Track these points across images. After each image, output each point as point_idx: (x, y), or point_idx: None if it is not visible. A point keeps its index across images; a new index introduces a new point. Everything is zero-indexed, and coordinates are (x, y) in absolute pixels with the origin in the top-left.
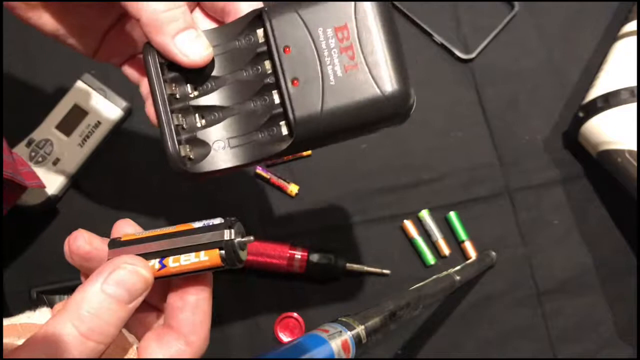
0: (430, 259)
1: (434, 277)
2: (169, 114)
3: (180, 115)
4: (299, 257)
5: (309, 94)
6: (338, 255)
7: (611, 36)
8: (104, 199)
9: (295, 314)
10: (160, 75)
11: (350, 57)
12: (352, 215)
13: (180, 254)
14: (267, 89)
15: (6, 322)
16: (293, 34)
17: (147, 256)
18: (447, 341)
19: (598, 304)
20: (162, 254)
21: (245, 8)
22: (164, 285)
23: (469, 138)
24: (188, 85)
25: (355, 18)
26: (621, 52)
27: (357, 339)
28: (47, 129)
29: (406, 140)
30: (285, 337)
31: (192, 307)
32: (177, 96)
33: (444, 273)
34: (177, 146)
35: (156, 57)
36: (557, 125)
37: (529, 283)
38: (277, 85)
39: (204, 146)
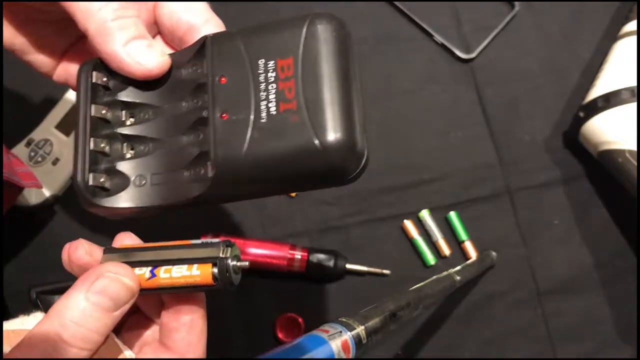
0: (431, 259)
1: (434, 277)
2: (87, 138)
3: (105, 141)
4: (299, 257)
5: (236, 131)
6: (338, 255)
7: (611, 36)
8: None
9: (295, 314)
10: (89, 95)
11: (289, 94)
12: (352, 215)
13: (173, 265)
14: (202, 123)
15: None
16: (232, 63)
17: (139, 264)
18: (448, 341)
19: (598, 304)
20: (154, 264)
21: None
22: (160, 297)
23: (470, 138)
24: (124, 111)
25: (303, 51)
26: (621, 52)
27: (357, 340)
28: (47, 129)
29: (406, 140)
30: (285, 337)
31: (187, 327)
32: (108, 119)
33: (444, 273)
34: (85, 174)
35: (89, 76)
36: (557, 125)
37: (530, 283)
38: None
39: (122, 179)
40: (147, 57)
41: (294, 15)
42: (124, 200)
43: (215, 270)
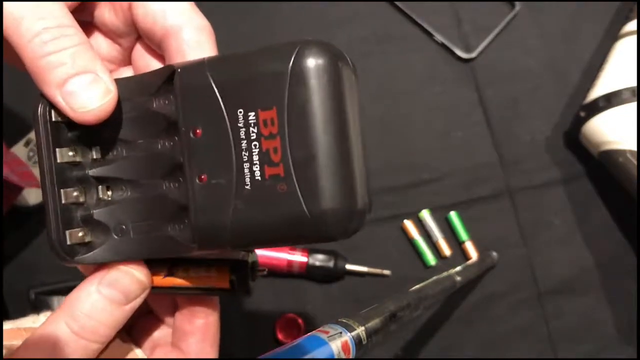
0: (431, 259)
1: (435, 277)
2: (56, 191)
3: (78, 188)
4: (299, 257)
5: (217, 198)
6: (338, 255)
7: (612, 36)
8: None
9: (295, 315)
10: (50, 140)
11: (274, 155)
12: None
13: (191, 264)
14: (181, 170)
15: (11, 325)
16: (206, 112)
17: (157, 262)
18: (448, 342)
19: (599, 305)
20: (173, 261)
21: (185, 48)
22: (173, 299)
23: (470, 138)
24: (93, 148)
25: (288, 98)
26: (622, 52)
27: (357, 340)
28: None
29: (407, 140)
30: (285, 338)
31: (201, 332)
32: (78, 161)
33: (445, 274)
34: (60, 234)
35: (47, 113)
36: (558, 125)
37: (530, 283)
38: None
39: (102, 229)
40: (83, 100)
41: (279, 43)
42: (107, 254)
43: (234, 277)
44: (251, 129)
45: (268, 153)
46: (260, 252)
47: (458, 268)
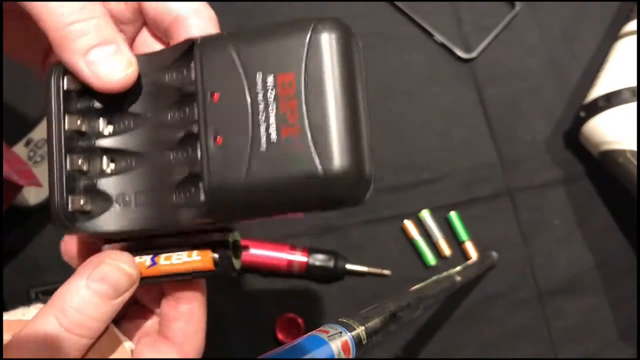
0: (431, 259)
1: (435, 277)
2: (62, 156)
3: (83, 157)
4: (299, 257)
5: (232, 158)
6: (338, 255)
7: (612, 36)
8: None
9: (295, 315)
10: (61, 106)
11: (291, 116)
12: (352, 215)
13: (173, 251)
14: (191, 140)
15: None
16: (225, 77)
17: (139, 253)
18: (448, 342)
19: (599, 305)
20: (155, 251)
21: (192, 34)
22: (160, 287)
23: (470, 138)
24: (101, 119)
25: (306, 65)
26: (622, 52)
27: (357, 340)
28: (46, 129)
29: (406, 140)
30: (285, 338)
31: (186, 317)
32: (84, 131)
33: (445, 274)
34: (64, 199)
35: (60, 82)
36: (558, 125)
37: (530, 284)
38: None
39: (104, 198)
40: (108, 69)
41: (294, 19)
42: (107, 223)
43: (216, 255)
44: (269, 92)
45: (285, 115)
46: (260, 252)
47: (458, 268)
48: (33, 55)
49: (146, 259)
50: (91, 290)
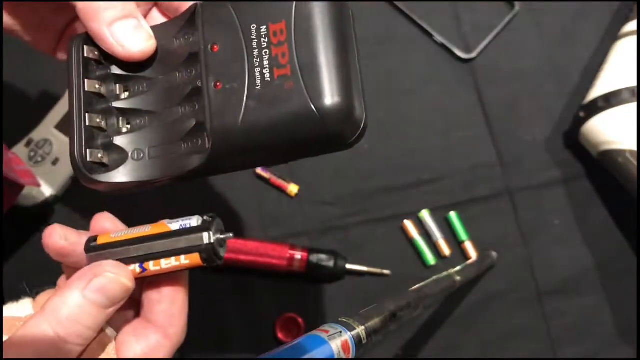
0: (431, 259)
1: (435, 277)
2: (82, 114)
3: (101, 116)
4: (299, 257)
5: (231, 100)
6: (338, 255)
7: (612, 36)
8: (104, 199)
9: (295, 314)
10: (81, 70)
11: (282, 59)
12: (352, 215)
13: (161, 258)
14: (196, 93)
15: None
16: (223, 30)
17: (127, 261)
18: (448, 342)
19: (599, 305)
20: (142, 259)
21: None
22: (144, 279)
23: (470, 138)
24: (117, 85)
25: (295, 15)
26: (622, 52)
27: (357, 340)
28: (46, 129)
29: (406, 140)
30: (285, 338)
31: (169, 299)
32: (102, 94)
33: (445, 273)
34: (83, 151)
35: (81, 50)
36: (557, 125)
37: (530, 283)
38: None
39: (120, 153)
40: (131, 40)
41: None
42: (123, 175)
43: (204, 255)
44: (262, 39)
45: (277, 57)
46: (260, 252)
47: (458, 268)
48: (45, 37)
49: (135, 267)
50: (87, 300)
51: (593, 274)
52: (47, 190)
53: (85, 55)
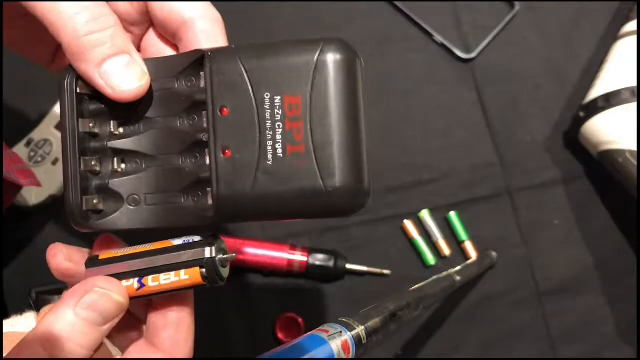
0: (431, 259)
1: (435, 277)
2: (77, 158)
3: (95, 157)
4: (299, 257)
5: (240, 171)
6: (338, 255)
7: (612, 36)
8: None
9: (295, 314)
10: (75, 109)
11: (297, 135)
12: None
13: (160, 272)
14: (200, 147)
15: None
16: (235, 93)
17: (125, 275)
18: (448, 342)
19: (599, 304)
20: (141, 273)
21: (200, 38)
22: (149, 301)
23: (470, 138)
24: (112, 122)
25: (312, 89)
26: (622, 52)
27: (357, 340)
28: (46, 129)
29: (406, 140)
30: (285, 337)
31: (175, 325)
32: (97, 132)
33: (445, 273)
34: (79, 199)
35: (74, 85)
36: (557, 125)
37: (530, 283)
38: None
39: (116, 198)
40: (122, 80)
41: (302, 39)
42: (119, 222)
43: (204, 270)
44: (276, 111)
45: (291, 132)
46: (260, 252)
47: (458, 268)
48: (40, 52)
49: (133, 282)
50: (79, 318)
51: (593, 274)
52: (46, 191)
53: (79, 91)
